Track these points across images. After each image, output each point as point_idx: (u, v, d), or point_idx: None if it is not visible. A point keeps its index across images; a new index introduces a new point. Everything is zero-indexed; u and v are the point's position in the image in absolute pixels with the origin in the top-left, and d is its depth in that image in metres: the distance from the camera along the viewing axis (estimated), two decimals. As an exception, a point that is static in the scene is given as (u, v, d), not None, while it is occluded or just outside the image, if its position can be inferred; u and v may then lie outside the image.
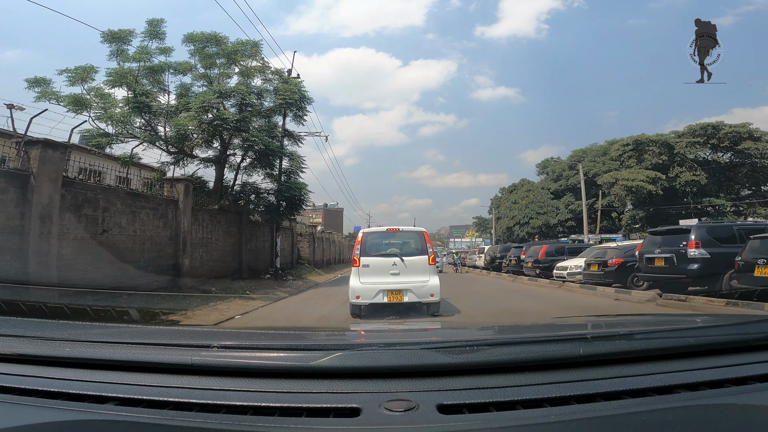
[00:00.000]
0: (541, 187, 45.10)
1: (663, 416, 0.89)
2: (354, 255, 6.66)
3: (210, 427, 0.86)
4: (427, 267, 6.52)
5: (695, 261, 8.30)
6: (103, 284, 7.59)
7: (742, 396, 0.98)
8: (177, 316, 7.63)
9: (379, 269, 6.49)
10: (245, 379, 1.02)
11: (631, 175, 29.33)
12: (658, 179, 29.04)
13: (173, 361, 1.09)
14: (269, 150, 14.68)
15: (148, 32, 14.60)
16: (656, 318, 2.38)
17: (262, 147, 14.39)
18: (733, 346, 1.20)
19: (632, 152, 32.41)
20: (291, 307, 9.92)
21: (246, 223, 15.65)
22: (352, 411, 0.90)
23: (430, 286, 6.37)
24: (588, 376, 1.03)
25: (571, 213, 40.91)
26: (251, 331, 2.03)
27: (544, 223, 40.91)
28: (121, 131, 13.68)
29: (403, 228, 7.12)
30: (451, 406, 0.92)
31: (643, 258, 9.39)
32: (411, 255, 6.60)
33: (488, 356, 1.09)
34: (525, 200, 43.96)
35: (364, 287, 6.38)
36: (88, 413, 0.91)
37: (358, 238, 6.88)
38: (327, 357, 1.05)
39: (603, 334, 1.42)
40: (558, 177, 44.35)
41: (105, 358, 1.11)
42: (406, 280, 6.37)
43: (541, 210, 41.87)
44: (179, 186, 11.47)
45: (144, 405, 0.94)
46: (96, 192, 8.38)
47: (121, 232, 8.89)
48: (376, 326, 3.31)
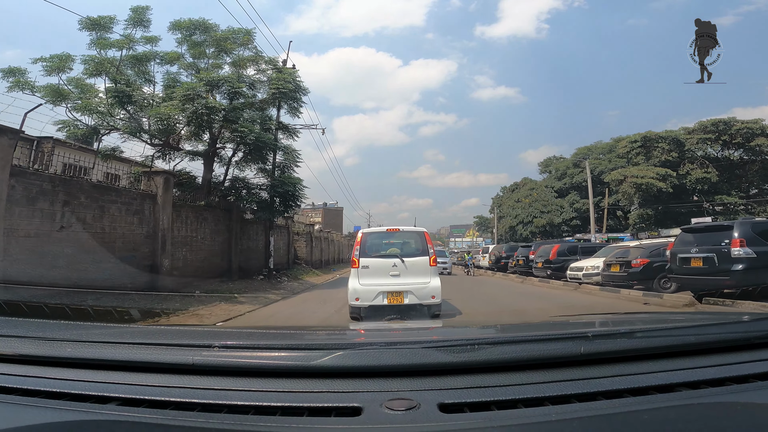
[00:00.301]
0: (545, 185, 44.22)
1: (665, 414, 0.89)
2: (353, 256, 6.54)
3: (212, 427, 0.86)
4: (428, 268, 6.40)
5: (740, 261, 7.30)
6: (56, 282, 6.56)
7: (743, 394, 0.97)
8: (148, 322, 6.61)
9: (379, 270, 6.37)
10: (247, 379, 1.02)
11: (641, 172, 28.33)
12: (668, 176, 28.02)
13: (175, 361, 1.08)
14: (261, 142, 13.66)
15: (132, 20, 13.59)
16: (657, 316, 2.39)
17: (253, 139, 13.39)
18: (735, 344, 1.18)
19: (640, 149, 31.50)
20: (282, 312, 8.98)
21: (236, 220, 14.61)
22: (353, 410, 0.90)
23: (431, 288, 6.27)
24: (589, 375, 1.03)
25: (576, 212, 39.99)
26: (252, 331, 2.02)
27: (548, 222, 40.00)
28: (101, 122, 12.66)
29: (404, 228, 7.00)
30: (452, 405, 0.91)
31: (677, 258, 8.38)
32: (411, 256, 6.50)
33: (489, 355, 1.08)
34: (528, 199, 43.04)
35: (363, 289, 6.26)
36: (90, 413, 0.91)
37: (357, 238, 6.76)
38: (328, 356, 1.05)
39: (604, 333, 1.39)
40: (562, 175, 43.46)
41: (106, 358, 1.11)
42: (406, 282, 6.28)
43: (545, 209, 40.99)
44: (158, 179, 10.43)
45: (146, 405, 0.94)
46: (54, 183, 7.37)
47: (86, 228, 7.87)
48: (377, 325, 3.37)
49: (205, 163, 14.51)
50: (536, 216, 40.91)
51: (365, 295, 6.21)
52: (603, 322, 1.98)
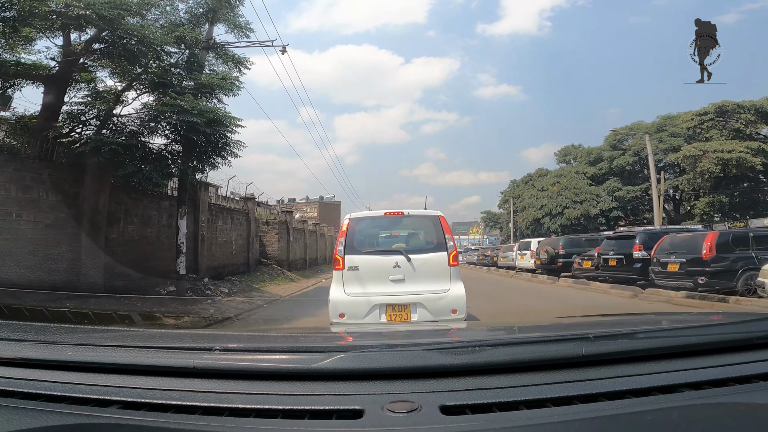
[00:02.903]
0: (575, 171, 37.49)
1: (667, 415, 0.88)
2: (336, 252, 4.67)
3: (213, 431, 0.86)
4: (446, 269, 4.59)
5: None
6: None
7: (746, 395, 0.97)
8: None
9: (374, 273, 4.60)
10: (248, 382, 1.02)
11: (726, 146, 21.47)
12: (761, 150, 21.20)
13: (176, 365, 1.08)
14: (145, 41, 6.93)
15: None
16: (659, 317, 2.35)
17: (135, 41, 6.76)
18: (737, 345, 1.17)
19: (712, 122, 24.95)
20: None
21: (98, 185, 7.75)
22: (354, 413, 0.90)
23: (452, 298, 4.49)
24: (591, 376, 1.02)
25: (617, 201, 33.28)
26: (253, 334, 1.97)
27: (584, 213, 33.26)
28: None
29: (411, 212, 5.02)
30: (453, 407, 0.91)
31: None
32: (422, 251, 4.71)
33: (491, 357, 1.09)
34: (557, 186, 36.35)
35: (351, 301, 4.51)
36: (91, 417, 0.91)
37: (342, 227, 4.80)
38: (329, 359, 1.05)
39: (605, 334, 1.31)
40: (596, 160, 36.76)
41: (107, 361, 1.11)
42: (414, 290, 4.52)
43: (577, 198, 34.28)
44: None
45: (147, 408, 0.94)
46: None
47: None
48: (378, 327, 3.15)
49: (50, 89, 7.73)
50: (567, 206, 34.24)
51: (354, 311, 4.47)
52: (605, 323, 1.97)
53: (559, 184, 36.65)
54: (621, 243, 10.52)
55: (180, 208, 8.69)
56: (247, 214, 15.59)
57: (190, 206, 11.14)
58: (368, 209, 29.75)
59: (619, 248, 10.32)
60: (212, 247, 12.22)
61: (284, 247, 19.42)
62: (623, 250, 10.15)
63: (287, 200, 57.09)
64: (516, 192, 43.87)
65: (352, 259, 4.61)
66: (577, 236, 16.88)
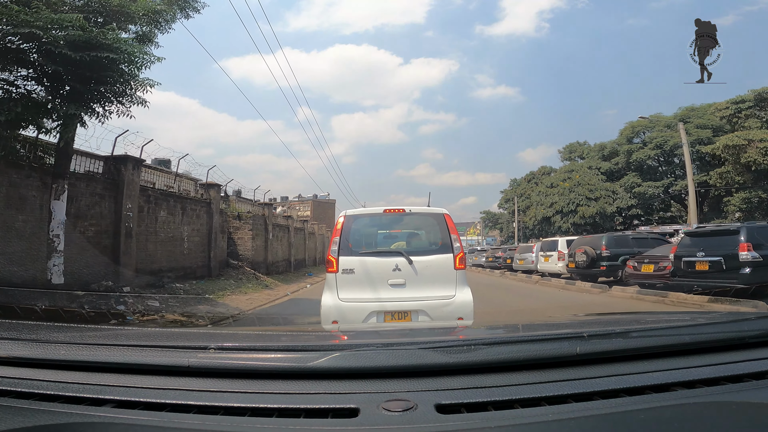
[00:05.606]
0: (587, 166, 34.65)
1: (661, 414, 0.88)
2: (329, 253, 4.31)
3: (208, 429, 0.86)
4: (451, 273, 4.20)
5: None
6: None
7: (738, 393, 0.97)
8: None
9: (372, 276, 4.24)
10: (243, 381, 1.01)
11: (774, 134, 18.70)
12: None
13: (171, 363, 1.07)
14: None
15: None
16: (653, 316, 2.34)
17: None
18: (729, 344, 1.18)
19: (750, 110, 22.34)
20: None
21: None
22: (350, 411, 0.89)
23: (458, 305, 4.12)
24: (585, 375, 1.02)
25: (636, 197, 30.47)
26: (248, 333, 2.00)
27: (599, 211, 30.41)
28: None
29: (413, 209, 4.58)
30: (449, 405, 0.90)
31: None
32: (425, 253, 4.36)
33: (486, 355, 1.09)
34: (568, 182, 33.46)
35: (346, 307, 4.14)
36: (85, 416, 0.90)
37: (336, 225, 4.43)
38: (325, 357, 1.04)
39: (599, 333, 1.33)
40: (611, 154, 33.93)
41: (101, 360, 1.09)
42: (416, 296, 4.14)
43: (591, 194, 31.42)
44: None
45: (141, 407, 0.92)
46: None
47: None
48: (373, 326, 3.07)
49: None
50: (581, 204, 31.39)
51: (348, 318, 4.13)
52: (600, 321, 1.96)
53: (570, 180, 33.80)
54: (713, 241, 7.55)
55: (55, 183, 5.64)
56: (208, 204, 12.52)
57: (112, 188, 8.06)
58: (363, 206, 26.76)
59: (712, 248, 7.36)
60: (148, 244, 9.18)
61: (260, 246, 16.36)
62: (719, 250, 7.19)
63: (280, 198, 54.26)
64: (520, 190, 41.10)
65: (347, 261, 4.31)
66: (623, 233, 13.92)
